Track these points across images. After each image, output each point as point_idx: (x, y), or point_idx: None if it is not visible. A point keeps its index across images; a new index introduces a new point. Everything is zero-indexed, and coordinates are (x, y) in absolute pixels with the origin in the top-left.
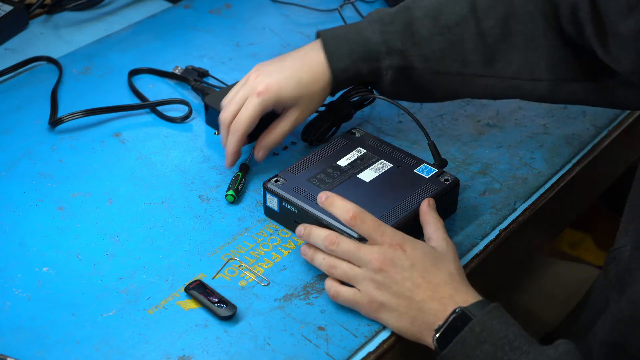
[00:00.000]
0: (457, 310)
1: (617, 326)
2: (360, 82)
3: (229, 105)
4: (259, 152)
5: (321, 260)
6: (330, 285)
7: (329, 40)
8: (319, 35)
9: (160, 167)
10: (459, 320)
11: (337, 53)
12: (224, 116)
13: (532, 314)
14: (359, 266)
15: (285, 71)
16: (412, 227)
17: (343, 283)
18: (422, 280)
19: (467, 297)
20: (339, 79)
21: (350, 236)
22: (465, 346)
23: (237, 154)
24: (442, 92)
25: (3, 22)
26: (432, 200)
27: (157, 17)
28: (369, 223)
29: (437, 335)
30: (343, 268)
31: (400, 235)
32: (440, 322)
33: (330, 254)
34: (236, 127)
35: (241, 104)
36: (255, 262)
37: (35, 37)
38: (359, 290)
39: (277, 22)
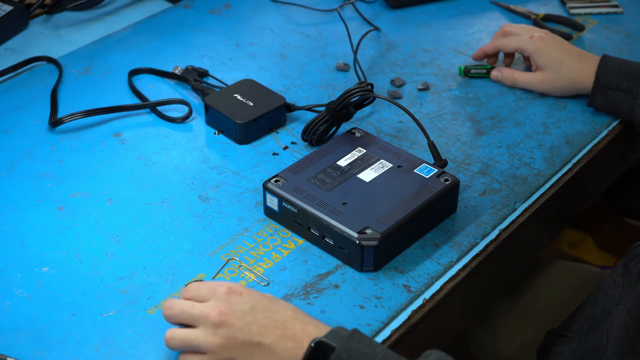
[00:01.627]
0: (312, 343)
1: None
2: (615, 100)
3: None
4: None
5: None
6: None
7: (610, 59)
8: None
9: (160, 167)
10: (319, 352)
11: (611, 66)
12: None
13: (532, 314)
14: (197, 326)
15: None
16: (412, 227)
17: None
18: (268, 320)
19: (318, 329)
20: (600, 83)
21: (350, 236)
22: None
23: None
24: None
25: (3, 22)
26: None
27: (157, 17)
28: (198, 288)
29: None
30: (180, 335)
31: (232, 284)
32: None
33: (169, 322)
34: None
35: None
36: (255, 262)
37: (35, 37)
38: (204, 354)
39: (277, 22)
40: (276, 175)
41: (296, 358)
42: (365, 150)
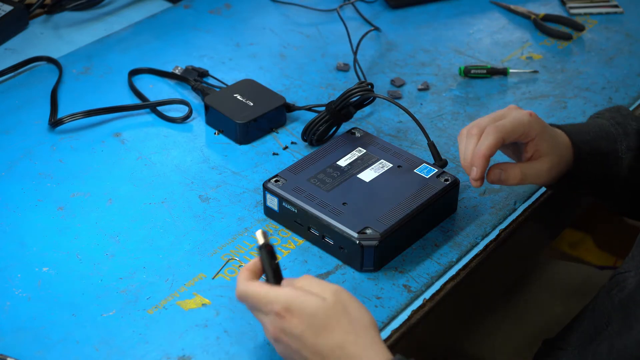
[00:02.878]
0: None
1: None
2: (599, 162)
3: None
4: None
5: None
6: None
7: (567, 126)
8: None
9: (160, 167)
10: None
11: (576, 131)
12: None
13: (531, 314)
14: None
15: None
16: (412, 227)
17: None
18: (308, 352)
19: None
20: (581, 150)
21: (350, 236)
22: None
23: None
24: None
25: (3, 22)
26: None
27: (157, 17)
28: (252, 298)
29: None
30: (250, 303)
31: (291, 305)
32: None
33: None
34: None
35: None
36: None
37: (35, 37)
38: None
39: (277, 22)
40: (276, 175)
41: None
42: (365, 150)
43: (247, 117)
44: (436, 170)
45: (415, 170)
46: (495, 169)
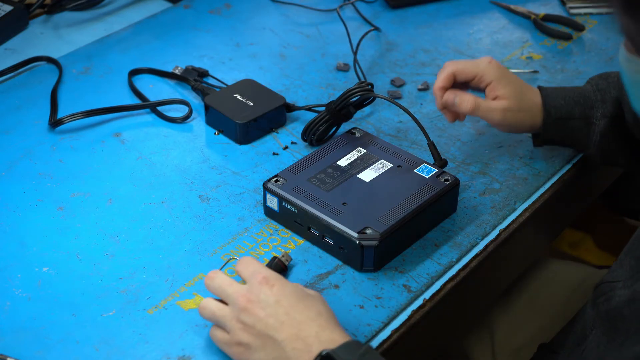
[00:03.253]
0: (322, 353)
1: None
2: (568, 127)
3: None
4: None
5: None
6: (212, 330)
7: (547, 89)
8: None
9: (160, 167)
10: None
11: (552, 95)
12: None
13: (531, 314)
14: (228, 305)
15: None
16: (412, 227)
17: None
18: (287, 317)
19: (334, 336)
20: (550, 113)
21: (350, 236)
22: None
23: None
24: None
25: (3, 22)
26: None
27: (157, 17)
28: (246, 266)
29: None
30: (212, 308)
31: (272, 274)
32: None
33: (208, 290)
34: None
35: None
36: None
37: (35, 37)
38: (228, 333)
39: (277, 22)
40: (276, 175)
41: None
42: (365, 150)
43: (247, 117)
44: (436, 170)
45: (415, 170)
46: (450, 94)
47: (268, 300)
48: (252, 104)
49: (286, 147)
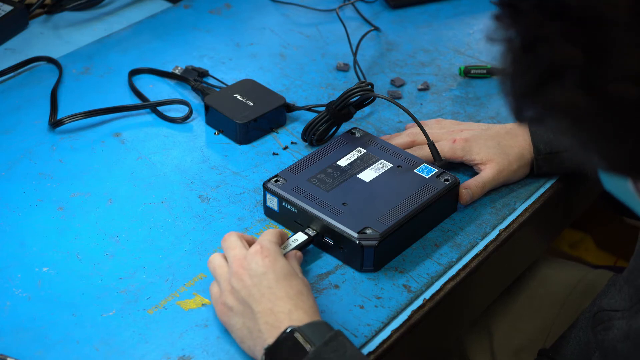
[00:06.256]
0: (287, 330)
1: None
2: (562, 162)
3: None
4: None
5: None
6: (212, 284)
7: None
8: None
9: (160, 167)
10: (289, 341)
11: (540, 130)
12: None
13: (530, 314)
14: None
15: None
16: (412, 227)
17: None
18: (268, 290)
19: (306, 316)
20: (540, 150)
21: (350, 236)
22: None
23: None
24: None
25: (3, 22)
26: None
27: (157, 17)
28: (261, 236)
29: (265, 358)
30: (214, 264)
31: (272, 247)
32: (271, 341)
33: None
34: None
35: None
36: None
37: (35, 37)
38: (220, 290)
39: (277, 22)
40: (276, 175)
41: (270, 335)
42: (365, 150)
43: (247, 117)
44: (436, 170)
45: (415, 170)
46: (463, 189)
47: (257, 270)
48: (252, 104)
49: (286, 147)
